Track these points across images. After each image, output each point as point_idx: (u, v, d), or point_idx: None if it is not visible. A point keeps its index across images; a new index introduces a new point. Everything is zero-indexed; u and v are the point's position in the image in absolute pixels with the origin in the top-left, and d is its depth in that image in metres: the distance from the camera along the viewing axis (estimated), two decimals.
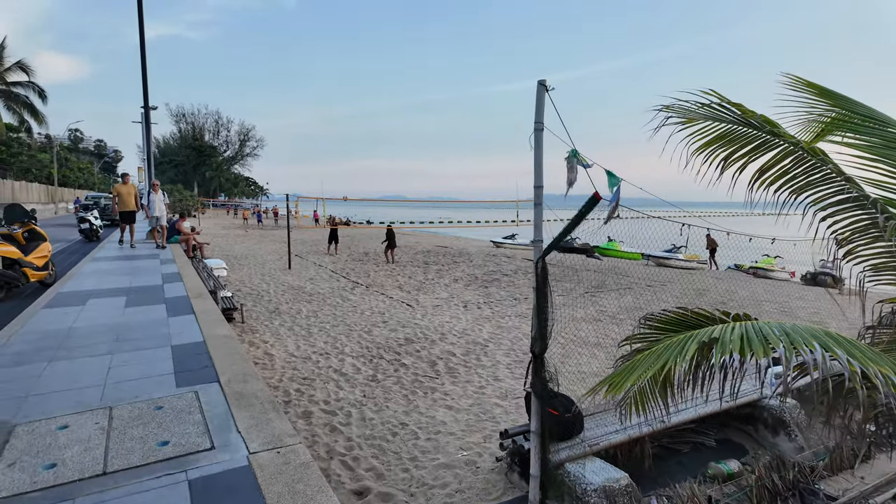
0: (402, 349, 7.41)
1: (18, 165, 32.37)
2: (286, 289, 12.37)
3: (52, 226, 24.81)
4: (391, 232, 18.30)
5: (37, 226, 7.57)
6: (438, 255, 20.67)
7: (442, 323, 8.97)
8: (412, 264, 17.49)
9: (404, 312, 9.86)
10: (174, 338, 4.27)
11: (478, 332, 8.36)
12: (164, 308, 5.50)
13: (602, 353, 7.37)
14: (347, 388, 5.90)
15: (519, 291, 12.28)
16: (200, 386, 3.16)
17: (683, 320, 3.13)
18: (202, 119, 76.86)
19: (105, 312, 5.26)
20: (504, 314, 9.76)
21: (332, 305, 10.45)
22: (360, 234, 31.91)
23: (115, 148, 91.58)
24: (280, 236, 30.55)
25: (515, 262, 17.88)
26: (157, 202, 12.69)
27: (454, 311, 10.07)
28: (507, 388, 5.93)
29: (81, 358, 3.75)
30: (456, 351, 7.34)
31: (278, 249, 22.01)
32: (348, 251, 22.12)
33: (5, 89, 28.12)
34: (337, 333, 8.21)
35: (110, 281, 7.35)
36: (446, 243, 28.78)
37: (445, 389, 5.91)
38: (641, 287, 12.91)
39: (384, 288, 12.89)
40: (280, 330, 8.43)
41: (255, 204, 72.70)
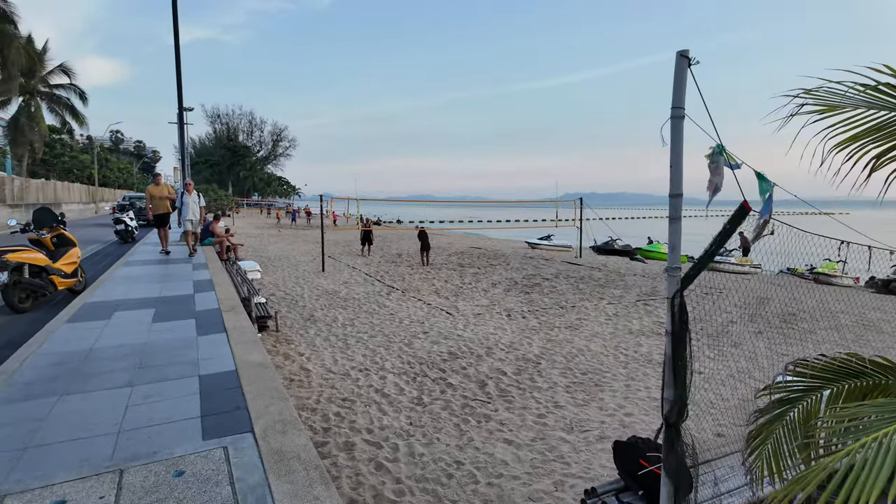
0: (446, 365, 6.78)
1: (61, 166, 33.10)
2: (321, 293, 11.90)
3: (91, 226, 25.09)
4: (424, 234, 17.67)
5: (66, 230, 7.23)
6: (473, 256, 20.00)
7: (486, 335, 8.31)
8: (447, 267, 16.86)
9: (444, 321, 9.23)
10: (203, 365, 3.74)
11: (527, 347, 7.66)
12: (194, 324, 5.01)
13: None
14: (391, 413, 5.30)
15: (564, 299, 11.51)
16: (231, 438, 2.58)
17: (848, 368, 2.39)
18: (236, 120, 78.04)
19: (130, 329, 4.80)
20: (552, 325, 9.03)
21: (368, 313, 9.90)
22: (391, 235, 31.48)
23: (154, 148, 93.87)
24: (312, 236, 30.38)
25: (555, 266, 17.06)
26: (190, 204, 11.75)
27: (497, 320, 9.39)
28: (570, 418, 5.23)
29: (97, 392, 3.24)
30: (506, 369, 6.67)
31: (311, 250, 21.70)
32: (381, 252, 21.65)
33: (48, 91, 28.74)
34: (375, 345, 7.64)
35: (140, 289, 6.95)
36: (479, 244, 28.08)
37: (500, 417, 5.24)
38: (697, 294, 11.97)
39: (420, 293, 12.30)
40: (316, 340, 7.91)
41: (288, 203, 73.41)
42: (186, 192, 11.84)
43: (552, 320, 9.42)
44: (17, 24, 20.98)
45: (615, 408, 5.51)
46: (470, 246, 25.62)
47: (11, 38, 20.18)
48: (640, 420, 5.20)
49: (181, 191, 11.78)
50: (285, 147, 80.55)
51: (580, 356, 7.25)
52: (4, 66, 20.96)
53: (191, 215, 11.76)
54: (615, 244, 22.54)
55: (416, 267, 16.75)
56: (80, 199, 33.99)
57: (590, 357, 7.22)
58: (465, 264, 17.46)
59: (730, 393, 6.01)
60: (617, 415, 5.33)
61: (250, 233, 31.58)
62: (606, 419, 5.21)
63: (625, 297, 11.66)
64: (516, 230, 34.25)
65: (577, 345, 7.79)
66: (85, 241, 16.75)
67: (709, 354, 7.48)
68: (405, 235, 30.45)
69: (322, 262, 15.81)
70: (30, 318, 6.22)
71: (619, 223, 41.77)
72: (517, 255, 20.50)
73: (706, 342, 8.11)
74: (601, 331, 8.65)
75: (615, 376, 6.49)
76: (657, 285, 13.21)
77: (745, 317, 9.77)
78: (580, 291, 12.38)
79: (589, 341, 8.01)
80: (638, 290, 12.58)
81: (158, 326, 4.92)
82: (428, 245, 17.63)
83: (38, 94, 28.45)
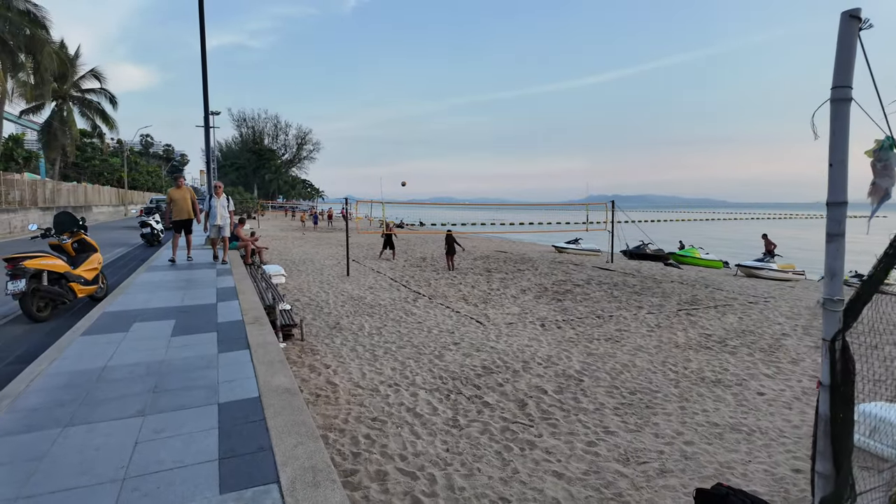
0: (481, 381, 6.30)
1: (92, 169, 33.64)
2: (346, 299, 11.55)
3: (119, 228, 25.32)
4: (451, 237, 17.20)
5: (87, 235, 6.98)
6: (499, 261, 19.50)
7: (521, 347, 7.81)
8: (473, 272, 16.39)
9: (475, 331, 8.76)
10: (223, 390, 3.35)
11: (566, 361, 7.13)
12: (215, 338, 4.64)
13: (729, 394, 6.01)
14: (426, 437, 4.85)
15: (600, 307, 10.92)
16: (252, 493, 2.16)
17: None
18: (262, 123, 78.86)
19: (148, 344, 4.45)
20: (591, 337, 8.48)
21: (395, 320, 9.49)
22: (414, 239, 31.15)
23: (182, 152, 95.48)
24: (335, 239, 30.24)
25: (586, 271, 16.44)
26: (218, 208, 10.78)
27: (531, 331, 8.88)
28: (624, 447, 4.70)
29: (104, 423, 2.87)
30: (546, 386, 6.16)
31: (335, 254, 21.46)
32: (405, 256, 21.30)
33: (80, 96, 29.22)
34: (404, 357, 7.21)
35: (161, 297, 6.64)
36: (504, 247, 27.55)
37: (546, 444, 4.74)
38: (743, 304, 11.26)
39: (448, 299, 11.86)
40: (342, 350, 7.52)
41: (311, 206, 73.88)
42: (215, 195, 10.93)
43: (590, 331, 8.87)
44: (48, 29, 21.31)
45: (672, 434, 4.96)
46: (495, 249, 25.10)
47: (44, 43, 20.44)
48: (703, 451, 4.65)
49: (208, 194, 11.09)
50: (309, 150, 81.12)
51: (625, 372, 6.70)
52: (37, 71, 21.28)
53: (219, 220, 10.81)
54: (647, 249, 21.75)
55: (441, 272, 16.33)
56: (110, 201, 34.49)
57: (636, 374, 6.67)
58: (492, 269, 16.96)
59: (798, 418, 5.41)
60: (676, 443, 4.79)
61: (275, 235, 31.60)
62: (665, 448, 4.67)
63: (664, 305, 11.02)
64: (541, 234, 33.54)
65: (621, 359, 7.24)
66: (111, 244, 16.75)
67: (766, 372, 6.86)
68: (429, 239, 30.10)
69: (347, 266, 15.49)
70: (48, 327, 5.96)
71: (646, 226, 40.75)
72: (545, 260, 19.92)
73: (760, 357, 7.48)
74: (645, 344, 8.07)
75: (667, 397, 5.93)
76: (697, 293, 12.51)
77: (799, 329, 9.06)
78: (615, 299, 11.78)
79: (633, 356, 7.45)
80: (677, 298, 11.91)
81: (178, 341, 4.57)
82: (454, 249, 17.19)
83: (70, 98, 28.98)
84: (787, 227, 66.38)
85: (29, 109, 26.88)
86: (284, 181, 77.62)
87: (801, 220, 77.93)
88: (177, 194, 10.56)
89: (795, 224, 76.14)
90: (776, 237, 20.94)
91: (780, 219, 73.95)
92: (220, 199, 10.88)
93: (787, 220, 77.00)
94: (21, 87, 21.92)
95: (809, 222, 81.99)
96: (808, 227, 70.37)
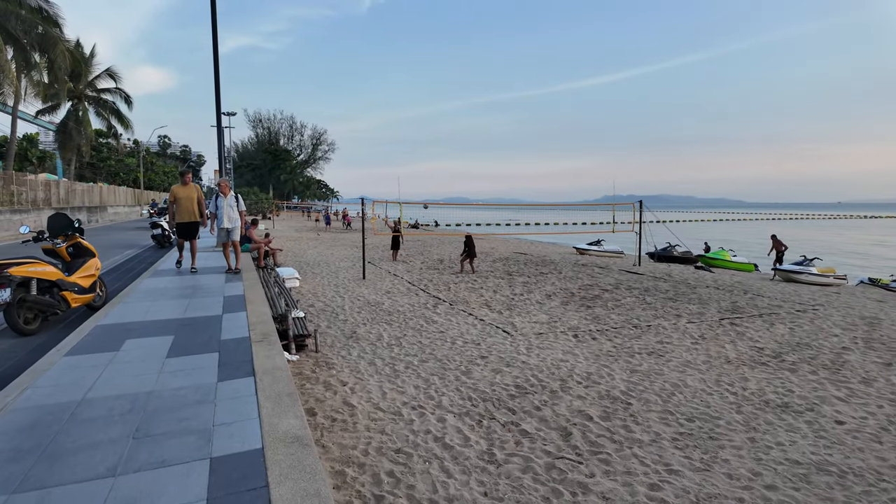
0: (515, 404, 5.59)
1: (107, 169, 33.52)
2: (362, 304, 10.91)
3: (132, 229, 25.03)
4: (470, 240, 16.43)
5: (83, 238, 6.40)
6: (519, 263, 18.74)
7: (555, 362, 7.08)
8: (494, 275, 15.66)
9: (503, 342, 8.05)
10: (218, 436, 2.70)
11: (608, 380, 6.39)
12: (216, 361, 4.00)
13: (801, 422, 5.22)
14: (458, 476, 4.15)
15: (634, 315, 10.14)
16: None
17: None
18: (277, 124, 79.05)
19: (138, 368, 3.83)
20: (631, 350, 7.72)
21: (415, 329, 8.82)
22: (431, 240, 30.51)
23: (199, 152, 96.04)
24: (350, 240, 29.70)
25: (612, 275, 15.62)
26: (225, 209, 9.37)
27: (564, 342, 8.14)
28: (695, 491, 3.96)
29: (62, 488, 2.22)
30: (590, 411, 5.43)
31: (350, 255, 20.89)
32: (421, 258, 20.64)
33: (95, 96, 29.06)
34: (428, 373, 6.52)
35: (162, 307, 6.04)
36: (523, 249, 26.78)
37: (601, 488, 4.02)
38: (790, 312, 10.39)
39: (470, 305, 11.16)
40: (359, 364, 6.87)
41: (326, 206, 73.75)
42: (221, 194, 9.40)
43: (628, 343, 8.11)
44: (61, 27, 21.02)
45: (749, 476, 4.21)
46: (514, 251, 24.33)
47: (56, 41, 20.14)
48: (791, 499, 3.89)
49: (214, 193, 9.47)
50: (324, 151, 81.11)
51: (678, 394, 5.94)
52: (51, 70, 21.03)
53: (227, 223, 9.36)
54: (674, 251, 20.82)
55: (460, 275, 15.62)
56: (126, 201, 34.35)
57: (690, 396, 5.91)
58: (514, 272, 16.21)
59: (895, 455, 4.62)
60: (755, 488, 4.03)
61: (289, 236, 31.18)
62: (744, 495, 3.92)
63: (704, 314, 10.20)
64: (560, 235, 32.71)
65: (670, 378, 6.47)
66: (122, 245, 16.34)
67: (836, 394, 6.05)
68: (445, 240, 29.43)
69: (363, 268, 14.86)
70: (34, 342, 5.37)
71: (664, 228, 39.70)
72: (567, 262, 19.11)
73: (825, 376, 6.67)
74: (692, 359, 7.29)
75: (731, 425, 5.16)
76: (736, 300, 11.65)
77: (860, 342, 8.21)
78: (650, 306, 10.98)
79: (682, 373, 6.68)
80: (716, 305, 11.07)
81: (173, 364, 3.94)
82: (474, 252, 16.41)
83: (85, 98, 28.81)
84: (804, 229, 64.60)
85: (45, 109, 26.75)
86: (299, 181, 77.63)
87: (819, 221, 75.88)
88: (182, 193, 9.16)
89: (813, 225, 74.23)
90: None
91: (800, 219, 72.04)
92: (228, 199, 9.42)
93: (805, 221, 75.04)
94: (35, 86, 21.69)
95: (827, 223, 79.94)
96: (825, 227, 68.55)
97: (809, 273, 15.07)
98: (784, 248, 18.43)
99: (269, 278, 10.56)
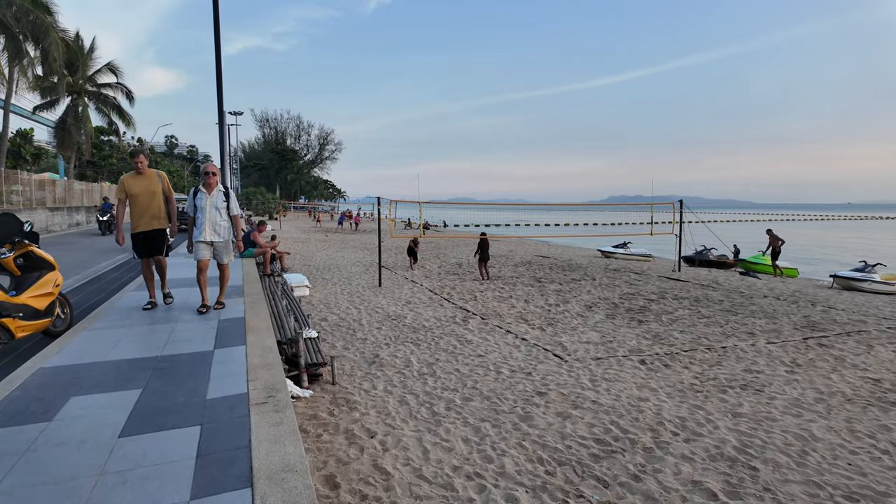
0: (604, 470, 4.15)
1: (109, 168, 32.29)
2: (382, 318, 9.51)
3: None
4: (485, 242, 14.89)
5: (38, 247, 5.01)
6: (544, 267, 17.29)
7: (632, 400, 5.63)
8: (521, 282, 14.22)
9: (558, 370, 6.62)
10: None
11: (711, 429, 4.93)
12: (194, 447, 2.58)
13: None
14: None
15: (697, 332, 8.69)
16: None
17: None
18: (284, 124, 77.96)
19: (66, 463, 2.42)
20: (718, 382, 6.26)
21: (448, 352, 7.40)
22: (444, 242, 29.10)
23: (206, 153, 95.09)
24: (361, 242, 28.31)
25: (652, 282, 14.13)
26: (208, 211, 5.94)
27: (631, 370, 6.69)
28: None
29: None
30: (709, 482, 3.97)
31: (363, 259, 19.51)
32: (438, 262, 19.23)
33: (95, 91, 27.80)
34: (477, 418, 5.09)
35: (135, 337, 4.66)
36: (544, 251, 25.35)
37: None
38: (882, 330, 8.87)
39: (503, 319, 9.73)
40: (388, 402, 5.46)
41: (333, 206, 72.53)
42: (204, 190, 5.98)
43: (709, 371, 6.64)
44: (54, 15, 19.73)
45: None
46: (535, 254, 22.89)
47: (48, 29, 18.87)
48: None
49: (195, 188, 6.11)
50: (331, 151, 79.93)
51: (811, 453, 4.48)
52: (45, 61, 19.77)
53: (209, 234, 5.92)
54: (710, 254, 19.30)
55: (484, 281, 14.18)
56: None
57: (829, 455, 4.44)
58: (542, 278, 14.76)
59: None
60: None
61: (297, 237, 29.87)
62: None
63: (779, 331, 8.72)
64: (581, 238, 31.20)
65: (787, 426, 5.01)
66: (113, 250, 15.00)
67: None
68: (460, 242, 28.03)
69: (379, 275, 13.45)
70: None
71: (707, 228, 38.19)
72: (596, 267, 17.63)
73: None
74: (800, 396, 5.82)
75: None
76: (808, 313, 10.16)
77: None
78: (710, 321, 9.52)
79: (799, 418, 5.21)
80: (787, 319, 9.58)
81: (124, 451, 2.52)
82: (487, 255, 14.88)
83: (85, 93, 27.57)
84: (826, 230, 62.83)
85: (43, 105, 25.51)
86: (306, 181, 76.46)
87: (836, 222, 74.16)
88: (136, 185, 5.93)
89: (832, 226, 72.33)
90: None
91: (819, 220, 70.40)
92: (213, 196, 5.95)
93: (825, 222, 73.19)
94: (28, 78, 20.40)
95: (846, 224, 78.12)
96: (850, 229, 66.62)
97: (873, 280, 13.53)
98: (781, 243, 17.06)
99: (276, 288, 9.18)
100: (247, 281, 7.82)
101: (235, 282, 7.86)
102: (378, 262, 13.89)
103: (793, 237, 47.13)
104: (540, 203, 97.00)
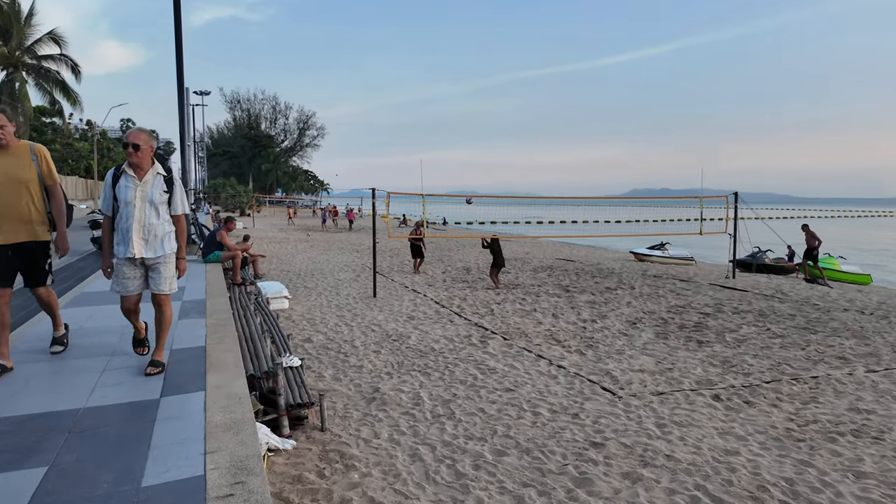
0: None
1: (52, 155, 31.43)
2: (380, 338, 8.80)
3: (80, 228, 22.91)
4: (497, 244, 14.11)
5: None
6: (570, 273, 16.59)
7: (716, 453, 4.90)
8: (544, 291, 13.49)
9: (612, 410, 5.89)
10: None
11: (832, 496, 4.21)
12: None
13: None
14: None
15: (774, 356, 8.00)
16: None
17: None
18: (258, 106, 77.15)
19: None
20: (822, 426, 5.53)
21: (467, 385, 6.67)
22: (447, 243, 28.39)
23: (168, 139, 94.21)
24: (349, 241, 27.63)
25: (703, 290, 13.44)
26: (137, 209, 3.99)
27: (707, 411, 5.95)
28: None
29: None
30: None
31: (352, 262, 18.81)
32: (443, 265, 18.52)
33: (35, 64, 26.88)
34: (517, 484, 4.33)
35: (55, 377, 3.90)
36: (566, 253, 24.67)
37: None
38: None
39: (529, 339, 9.02)
40: (396, 458, 4.72)
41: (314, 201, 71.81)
42: (127, 170, 4.06)
43: (804, 411, 5.92)
44: None
45: None
46: (556, 257, 22.21)
47: None
48: None
49: (118, 171, 4.15)
50: (312, 136, 79.23)
51: None
52: None
53: (138, 247, 4.00)
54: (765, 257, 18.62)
55: (500, 291, 13.44)
56: (75, 195, 32.31)
57: None
58: (570, 287, 14.03)
59: None
60: None
61: (273, 237, 29.16)
62: None
63: (878, 355, 8.02)
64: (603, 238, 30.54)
65: None
66: None
67: None
68: (466, 243, 27.34)
69: (374, 284, 12.71)
70: None
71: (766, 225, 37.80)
72: (632, 272, 16.92)
73: None
74: None
75: None
76: None
77: None
78: (783, 340, 8.84)
79: None
80: (882, 339, 8.88)
81: None
82: (501, 261, 14.10)
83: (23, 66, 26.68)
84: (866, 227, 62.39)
85: None
86: (284, 172, 75.61)
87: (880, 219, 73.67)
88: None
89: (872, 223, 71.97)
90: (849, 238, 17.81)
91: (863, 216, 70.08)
92: (147, 182, 4.08)
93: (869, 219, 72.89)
94: None
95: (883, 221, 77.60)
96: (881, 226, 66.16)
97: None
98: (818, 244, 16.77)
99: (249, 301, 8.45)
100: (210, 294, 7.03)
101: (196, 295, 7.07)
102: (373, 267, 13.15)
103: (852, 238, 46.57)
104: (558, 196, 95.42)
